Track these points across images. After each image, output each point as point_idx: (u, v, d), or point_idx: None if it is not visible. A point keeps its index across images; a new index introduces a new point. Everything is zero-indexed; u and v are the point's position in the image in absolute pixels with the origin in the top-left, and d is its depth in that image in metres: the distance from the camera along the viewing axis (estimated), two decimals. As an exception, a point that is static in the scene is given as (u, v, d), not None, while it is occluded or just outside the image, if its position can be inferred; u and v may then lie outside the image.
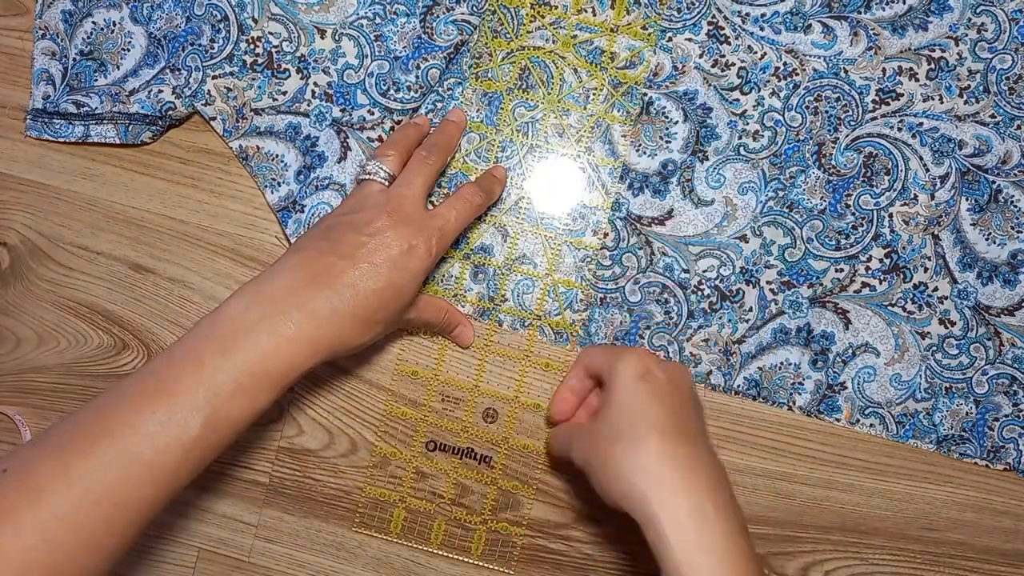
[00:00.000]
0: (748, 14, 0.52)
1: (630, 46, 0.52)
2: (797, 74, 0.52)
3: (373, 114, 0.51)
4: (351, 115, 0.51)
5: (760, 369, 0.52)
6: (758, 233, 0.52)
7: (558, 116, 0.52)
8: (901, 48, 0.52)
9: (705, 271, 0.52)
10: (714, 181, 0.52)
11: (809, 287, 0.52)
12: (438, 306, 0.50)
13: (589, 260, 0.52)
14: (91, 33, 0.52)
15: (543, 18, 0.52)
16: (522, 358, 0.53)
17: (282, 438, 0.53)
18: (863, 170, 0.52)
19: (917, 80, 0.52)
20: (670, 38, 0.52)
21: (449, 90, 0.52)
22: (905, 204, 0.52)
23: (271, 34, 0.52)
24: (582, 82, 0.52)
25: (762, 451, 0.52)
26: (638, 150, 0.52)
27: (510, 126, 0.52)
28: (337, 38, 0.52)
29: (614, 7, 0.52)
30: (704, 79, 0.52)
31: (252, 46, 0.52)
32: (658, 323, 0.52)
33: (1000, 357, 0.52)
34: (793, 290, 0.52)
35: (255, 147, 0.52)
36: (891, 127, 0.52)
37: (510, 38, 0.52)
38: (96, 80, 0.52)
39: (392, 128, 0.51)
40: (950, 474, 0.52)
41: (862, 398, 0.52)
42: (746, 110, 0.52)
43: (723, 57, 0.52)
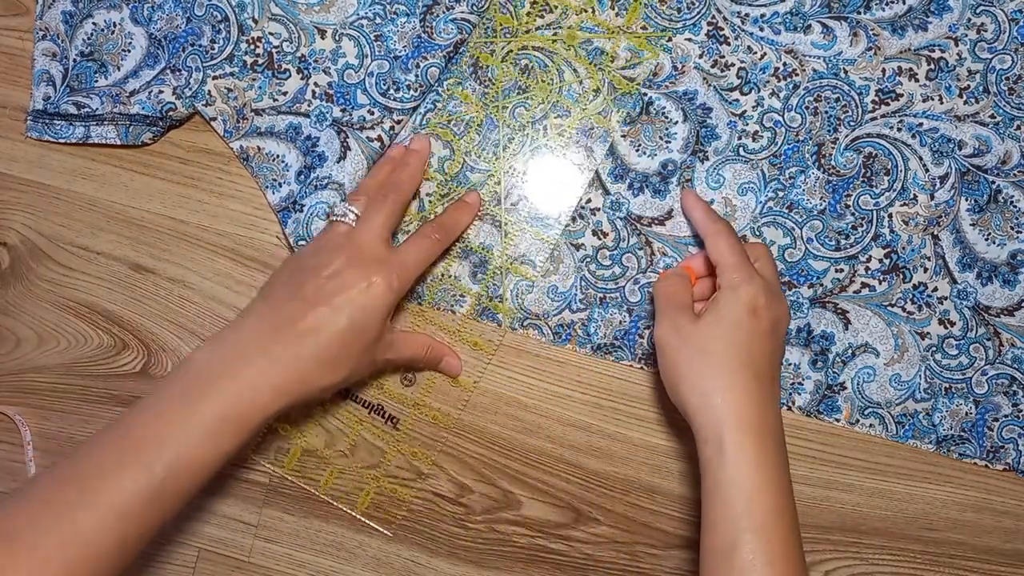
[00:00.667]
0: (748, 14, 0.52)
1: (629, 47, 0.52)
2: (797, 74, 0.52)
3: (373, 114, 0.51)
4: (351, 115, 0.51)
5: (760, 369, 0.52)
6: (758, 233, 0.52)
7: (557, 116, 0.53)
8: (901, 48, 0.52)
9: (705, 271, 0.52)
10: (714, 181, 0.52)
11: (809, 287, 0.52)
12: (419, 342, 0.51)
13: (589, 260, 0.52)
14: (91, 34, 0.52)
15: (543, 17, 0.52)
16: (455, 330, 0.53)
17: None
18: (863, 170, 0.52)
19: (917, 80, 0.52)
20: (670, 38, 0.52)
21: (449, 90, 0.52)
22: (905, 204, 0.52)
23: (271, 34, 0.52)
24: (581, 82, 0.52)
25: (762, 451, 0.52)
26: (638, 150, 0.52)
27: (509, 125, 0.52)
28: (337, 38, 0.52)
29: (613, 7, 0.52)
30: (704, 79, 0.52)
31: (252, 46, 0.52)
32: (658, 323, 0.52)
33: (1000, 357, 0.52)
34: (793, 290, 0.52)
35: (256, 148, 0.52)
36: (891, 127, 0.52)
37: (510, 37, 0.52)
38: (96, 81, 0.52)
39: (392, 128, 0.51)
40: (950, 474, 0.52)
41: (862, 398, 0.52)
42: (746, 110, 0.52)
43: (723, 57, 0.52)
